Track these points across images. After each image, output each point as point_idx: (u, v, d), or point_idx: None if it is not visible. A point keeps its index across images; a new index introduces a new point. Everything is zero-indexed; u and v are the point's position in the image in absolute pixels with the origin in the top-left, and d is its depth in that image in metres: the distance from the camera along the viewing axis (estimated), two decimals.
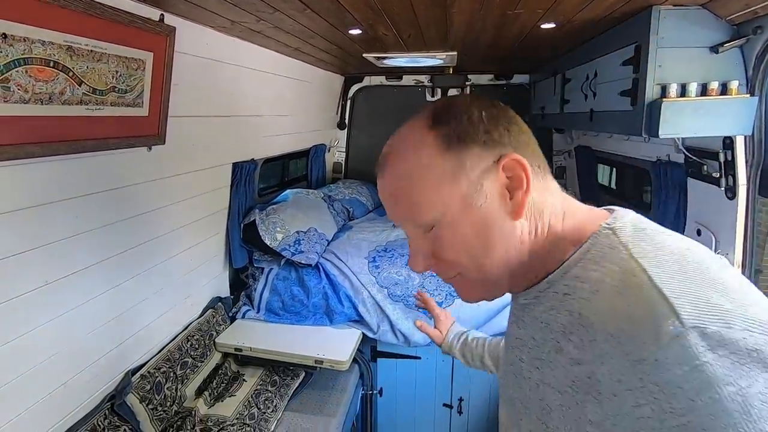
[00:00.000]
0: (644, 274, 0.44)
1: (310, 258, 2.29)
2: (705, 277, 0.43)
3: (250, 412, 1.86)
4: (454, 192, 0.52)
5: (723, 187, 1.57)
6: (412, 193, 0.53)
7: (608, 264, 0.47)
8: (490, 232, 0.52)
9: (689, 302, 0.40)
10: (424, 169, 0.52)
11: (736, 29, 1.41)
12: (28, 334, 1.23)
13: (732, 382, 0.36)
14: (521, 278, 0.56)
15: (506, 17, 1.66)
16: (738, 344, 0.37)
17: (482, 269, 0.54)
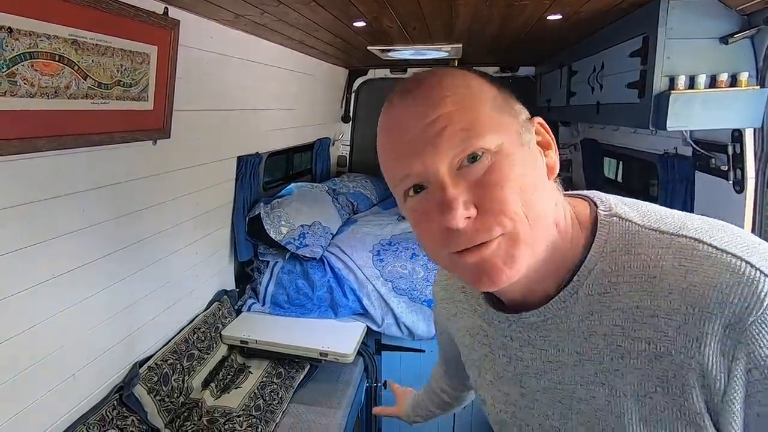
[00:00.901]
0: (702, 243, 0.43)
1: (314, 251, 2.30)
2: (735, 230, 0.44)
3: (256, 403, 1.88)
4: (512, 123, 0.47)
5: (731, 180, 1.55)
6: (468, 115, 0.45)
7: (647, 248, 0.45)
8: (540, 177, 0.48)
9: (760, 257, 0.41)
10: (482, 92, 0.47)
11: (747, 19, 1.38)
12: (36, 326, 1.24)
13: None
14: (543, 275, 0.49)
15: (512, 8, 1.64)
16: None
17: (535, 223, 0.45)
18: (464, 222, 0.44)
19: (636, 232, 0.46)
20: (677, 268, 0.43)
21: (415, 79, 0.49)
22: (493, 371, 0.59)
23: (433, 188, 0.45)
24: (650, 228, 0.46)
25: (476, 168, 0.44)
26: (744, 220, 1.53)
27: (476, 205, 0.44)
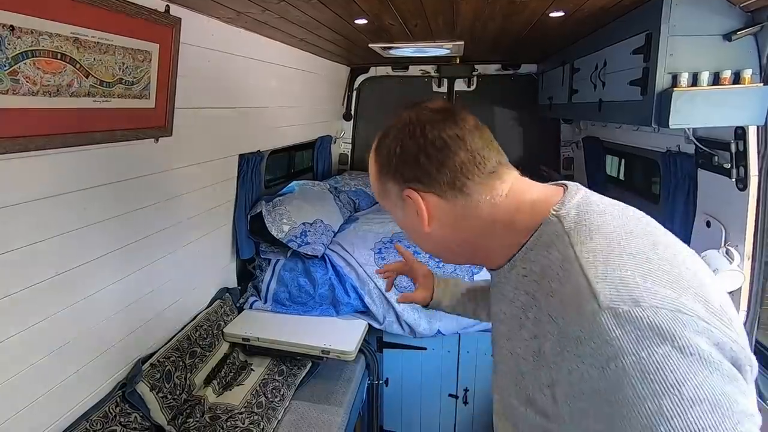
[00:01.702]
0: (576, 261, 0.51)
1: (316, 249, 2.30)
2: (631, 257, 0.49)
3: (258, 400, 1.88)
4: (386, 203, 0.70)
5: (734, 178, 1.55)
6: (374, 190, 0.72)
7: (554, 251, 0.55)
8: (415, 232, 0.68)
9: (609, 285, 0.47)
10: (376, 182, 0.70)
11: (750, 16, 1.37)
12: (40, 323, 1.25)
13: (634, 353, 0.43)
14: (480, 259, 0.69)
15: (514, 5, 1.63)
16: (643, 321, 0.44)
17: (425, 251, 0.73)
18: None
19: (559, 235, 0.55)
20: (554, 275, 0.53)
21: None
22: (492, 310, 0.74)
23: None
24: (567, 234, 0.54)
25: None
26: (747, 217, 1.53)
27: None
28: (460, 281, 1.12)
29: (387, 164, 0.66)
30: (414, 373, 2.49)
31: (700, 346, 0.43)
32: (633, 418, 0.43)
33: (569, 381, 0.48)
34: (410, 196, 0.63)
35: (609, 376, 0.44)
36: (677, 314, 0.44)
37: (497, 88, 3.59)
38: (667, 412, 0.41)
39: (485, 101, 3.61)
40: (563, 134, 3.55)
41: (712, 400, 0.42)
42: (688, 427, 0.41)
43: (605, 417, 0.45)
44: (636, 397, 0.43)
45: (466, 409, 2.47)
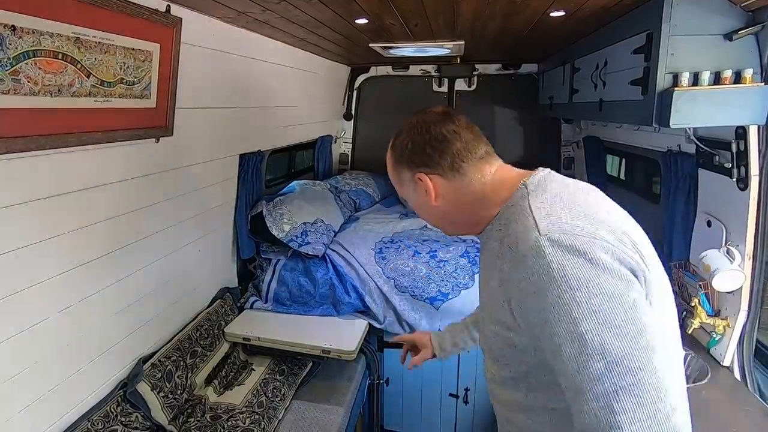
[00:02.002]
0: (529, 209, 0.73)
1: (316, 249, 2.30)
2: (565, 207, 0.72)
3: (259, 400, 1.89)
4: (403, 187, 0.91)
5: (735, 177, 1.55)
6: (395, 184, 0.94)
7: (517, 207, 0.77)
8: (426, 207, 0.89)
9: (547, 221, 0.69)
10: (393, 172, 0.92)
11: (751, 16, 1.37)
12: (42, 323, 1.25)
13: (559, 263, 0.65)
14: (472, 227, 0.88)
15: (515, 5, 1.63)
16: (566, 242, 0.66)
17: (433, 224, 0.95)
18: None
19: (522, 196, 0.77)
20: (514, 221, 0.75)
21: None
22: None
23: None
24: (528, 195, 0.76)
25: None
26: (747, 217, 1.53)
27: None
28: (454, 324, 1.32)
29: (401, 156, 0.87)
30: (415, 373, 2.48)
31: (604, 259, 0.64)
32: (558, 306, 0.64)
33: (519, 288, 0.70)
34: (421, 178, 0.85)
35: (544, 279, 0.65)
36: (591, 239, 0.66)
37: (498, 88, 3.59)
38: (578, 299, 0.63)
39: (486, 101, 3.61)
40: (564, 134, 3.55)
41: (608, 293, 0.63)
42: (591, 309, 0.62)
43: (542, 309, 0.66)
44: (560, 291, 0.64)
45: (467, 409, 2.48)
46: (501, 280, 0.75)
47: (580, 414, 0.64)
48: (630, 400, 0.60)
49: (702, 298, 1.72)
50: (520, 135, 3.65)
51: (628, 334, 0.62)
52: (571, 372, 0.64)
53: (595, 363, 0.62)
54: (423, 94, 3.65)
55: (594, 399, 0.62)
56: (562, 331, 0.64)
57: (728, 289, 1.59)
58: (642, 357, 0.61)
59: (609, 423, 0.61)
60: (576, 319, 0.63)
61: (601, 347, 0.62)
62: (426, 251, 2.35)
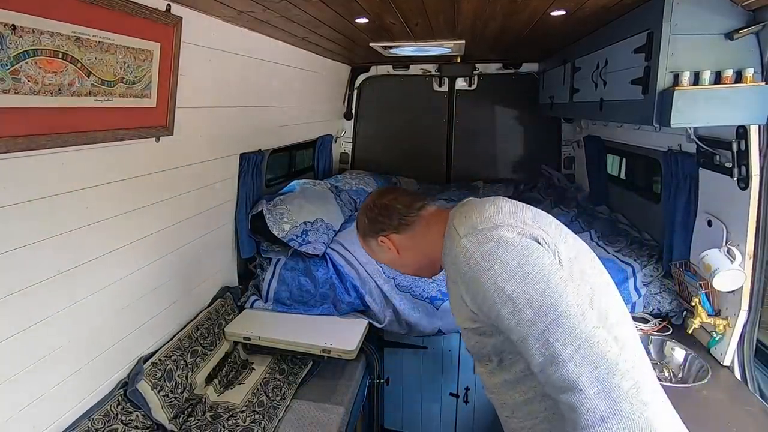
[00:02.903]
0: (453, 227, 0.97)
1: (317, 248, 2.30)
2: (476, 213, 0.95)
3: (259, 399, 1.89)
4: (377, 254, 1.18)
5: (735, 177, 1.55)
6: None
7: (450, 232, 0.99)
8: (396, 261, 1.16)
9: (464, 227, 0.93)
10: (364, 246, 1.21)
11: (752, 15, 1.37)
12: (42, 322, 1.25)
13: (477, 250, 0.88)
14: (436, 264, 1.10)
15: (515, 4, 1.63)
16: (478, 236, 0.90)
17: (410, 273, 1.22)
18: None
19: (450, 225, 1.00)
20: (450, 241, 0.98)
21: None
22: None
23: None
24: (452, 223, 0.99)
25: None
26: (748, 216, 1.53)
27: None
28: None
29: (365, 232, 1.16)
30: (415, 372, 2.49)
31: (508, 236, 0.87)
32: (487, 282, 0.86)
33: (462, 282, 0.92)
34: (383, 240, 1.12)
35: (472, 267, 0.88)
36: (493, 227, 0.89)
37: (498, 87, 3.58)
38: (498, 271, 0.85)
39: (486, 100, 3.60)
40: (564, 133, 3.55)
41: (517, 258, 0.85)
42: (509, 274, 0.84)
43: (477, 289, 0.88)
44: (484, 271, 0.86)
45: (467, 408, 2.48)
46: (455, 283, 0.96)
47: (531, 357, 0.84)
48: (558, 330, 0.80)
49: (702, 297, 1.72)
50: (521, 134, 3.65)
51: (541, 280, 0.83)
52: (513, 326, 0.84)
53: (526, 312, 0.83)
54: (423, 94, 3.65)
55: (535, 340, 0.82)
56: (497, 298, 0.85)
57: (729, 288, 1.59)
58: (557, 294, 0.82)
59: (551, 353, 0.80)
60: (501, 286, 0.84)
61: (526, 298, 0.83)
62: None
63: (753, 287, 1.57)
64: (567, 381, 0.78)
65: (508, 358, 0.96)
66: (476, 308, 0.91)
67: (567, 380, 0.78)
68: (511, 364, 0.96)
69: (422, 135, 3.74)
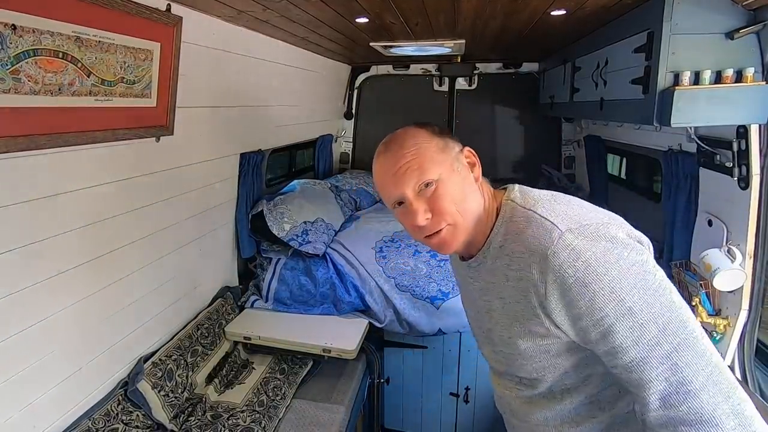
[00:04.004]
0: (536, 214, 0.77)
1: (317, 248, 2.30)
2: (566, 206, 0.78)
3: (260, 399, 1.89)
4: (445, 158, 0.83)
5: (736, 177, 1.54)
6: (420, 158, 0.81)
7: (517, 218, 0.80)
8: (467, 189, 0.84)
9: (561, 219, 0.74)
10: (426, 141, 0.83)
11: (753, 14, 1.37)
12: (42, 322, 1.25)
13: (589, 249, 0.70)
14: (473, 237, 0.85)
15: (515, 4, 1.63)
16: (588, 231, 0.72)
17: (464, 214, 0.82)
18: (425, 221, 0.81)
19: (516, 208, 0.81)
20: (523, 229, 0.77)
21: (389, 140, 0.86)
22: (467, 299, 1.00)
23: (407, 203, 0.82)
24: (522, 206, 0.80)
25: (428, 190, 0.81)
26: (749, 216, 1.53)
27: (431, 211, 0.81)
28: None
29: (444, 133, 0.86)
30: (415, 372, 2.49)
31: (621, 236, 0.72)
32: (600, 289, 0.69)
33: (555, 286, 0.72)
34: (471, 151, 0.87)
35: (579, 267, 0.70)
36: (603, 225, 0.73)
37: (498, 87, 3.58)
38: (615, 278, 0.69)
39: (486, 100, 3.60)
40: (564, 133, 3.54)
41: (636, 264, 0.70)
42: (629, 283, 0.69)
43: (585, 295, 0.70)
44: (597, 276, 0.69)
45: (467, 408, 2.48)
46: (522, 290, 0.76)
47: (650, 384, 0.68)
48: (689, 352, 0.67)
49: (703, 297, 1.72)
50: (521, 134, 3.65)
51: (664, 293, 0.69)
52: (629, 345, 0.68)
53: (649, 329, 0.67)
54: (424, 93, 3.64)
55: (659, 363, 0.67)
56: (610, 311, 0.68)
57: (729, 288, 1.58)
58: (683, 311, 0.69)
59: (679, 380, 0.66)
60: (620, 296, 0.68)
61: (650, 313, 0.68)
62: (426, 250, 2.35)
63: (753, 287, 1.57)
64: (701, 414, 0.65)
65: (564, 385, 0.81)
66: (567, 320, 0.73)
67: (701, 413, 0.65)
68: (565, 392, 0.82)
69: None
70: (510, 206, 0.82)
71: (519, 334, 0.81)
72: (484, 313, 0.89)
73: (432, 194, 0.80)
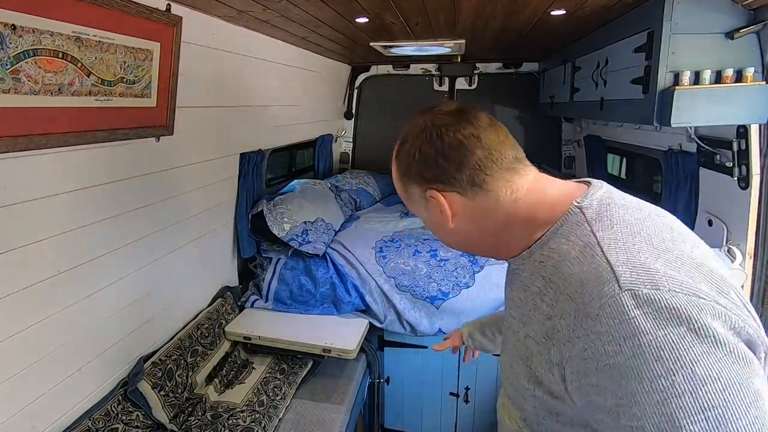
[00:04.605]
0: (598, 246, 0.54)
1: (317, 248, 2.30)
2: (650, 246, 0.52)
3: (260, 399, 1.89)
4: (414, 206, 0.72)
5: (736, 176, 1.54)
6: (398, 189, 0.73)
7: (574, 238, 0.57)
8: (440, 228, 0.71)
9: (629, 269, 0.50)
10: (399, 184, 0.72)
11: (753, 14, 1.37)
12: (43, 321, 1.25)
13: (651, 332, 0.46)
14: (497, 251, 0.70)
15: (515, 3, 1.63)
16: (661, 303, 0.46)
17: (447, 245, 0.75)
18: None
19: (580, 224, 0.58)
20: (574, 258, 0.55)
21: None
22: (507, 289, 0.77)
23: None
24: (589, 224, 0.57)
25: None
26: (749, 216, 1.53)
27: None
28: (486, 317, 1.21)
29: (408, 169, 0.68)
30: (415, 372, 2.49)
31: (716, 329, 0.45)
32: (646, 393, 0.45)
33: (582, 357, 0.50)
34: (433, 196, 0.66)
35: (625, 352, 0.46)
36: (694, 298, 0.47)
37: (498, 87, 3.58)
38: (679, 388, 0.44)
39: (486, 100, 3.60)
40: (564, 133, 3.54)
41: (724, 381, 0.43)
42: (698, 404, 0.43)
43: (618, 392, 0.47)
44: (651, 373, 0.45)
45: (467, 408, 2.48)
46: (547, 333, 0.57)
47: None
48: None
49: None
50: (521, 134, 3.65)
51: (745, 425, 0.43)
52: None
53: None
54: (424, 93, 3.64)
55: None
56: (653, 426, 0.45)
57: None
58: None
59: None
60: (675, 415, 0.44)
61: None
62: (426, 250, 2.35)
63: (753, 286, 1.57)
64: None
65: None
66: (581, 400, 0.53)
67: None
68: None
69: None
70: (575, 218, 0.59)
71: (528, 378, 0.62)
72: (507, 327, 0.73)
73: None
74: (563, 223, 0.60)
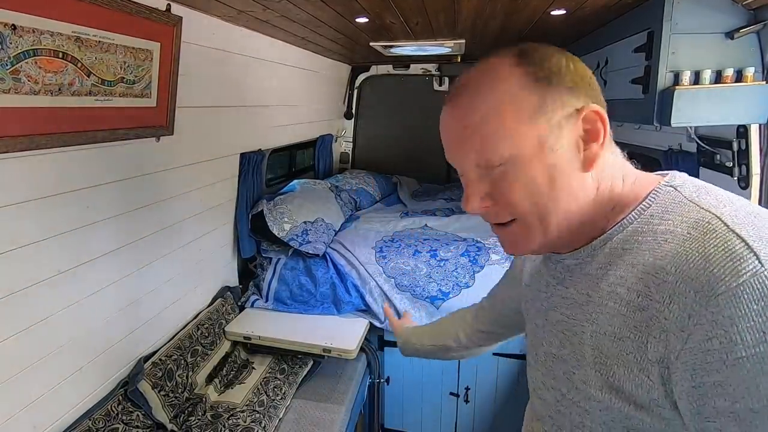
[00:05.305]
0: (719, 221, 0.45)
1: (317, 248, 2.30)
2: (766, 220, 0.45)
3: (260, 399, 1.89)
4: (531, 131, 0.50)
5: (736, 176, 1.54)
6: (487, 126, 0.51)
7: (676, 216, 0.49)
8: (559, 180, 0.51)
9: (766, 245, 0.42)
10: (505, 102, 0.51)
11: (753, 14, 1.37)
12: (42, 322, 1.25)
13: None
14: (575, 236, 0.56)
15: (515, 4, 1.63)
16: None
17: (544, 218, 0.53)
18: (480, 210, 0.55)
19: (679, 201, 0.50)
20: (683, 235, 0.46)
21: (459, 83, 0.55)
22: (535, 305, 0.67)
23: (464, 180, 0.56)
24: (692, 201, 0.49)
25: (495, 171, 0.52)
26: None
27: (492, 198, 0.54)
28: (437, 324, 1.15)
29: (558, 74, 0.52)
30: (415, 372, 2.49)
31: None
32: None
33: (704, 349, 0.41)
34: (600, 113, 0.52)
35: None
36: None
37: None
38: None
39: None
40: None
41: None
42: None
43: (756, 393, 0.39)
44: None
45: (468, 408, 2.48)
46: (638, 326, 0.47)
47: None
48: None
49: None
50: None
51: None
52: None
53: None
54: (424, 93, 3.65)
55: None
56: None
57: None
58: None
59: None
60: None
61: None
62: (426, 250, 2.35)
63: None
64: None
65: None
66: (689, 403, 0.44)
67: None
68: None
69: (423, 134, 3.74)
70: (669, 196, 0.51)
71: (601, 386, 0.51)
72: (554, 332, 0.60)
73: (498, 179, 0.52)
74: (653, 202, 0.51)
